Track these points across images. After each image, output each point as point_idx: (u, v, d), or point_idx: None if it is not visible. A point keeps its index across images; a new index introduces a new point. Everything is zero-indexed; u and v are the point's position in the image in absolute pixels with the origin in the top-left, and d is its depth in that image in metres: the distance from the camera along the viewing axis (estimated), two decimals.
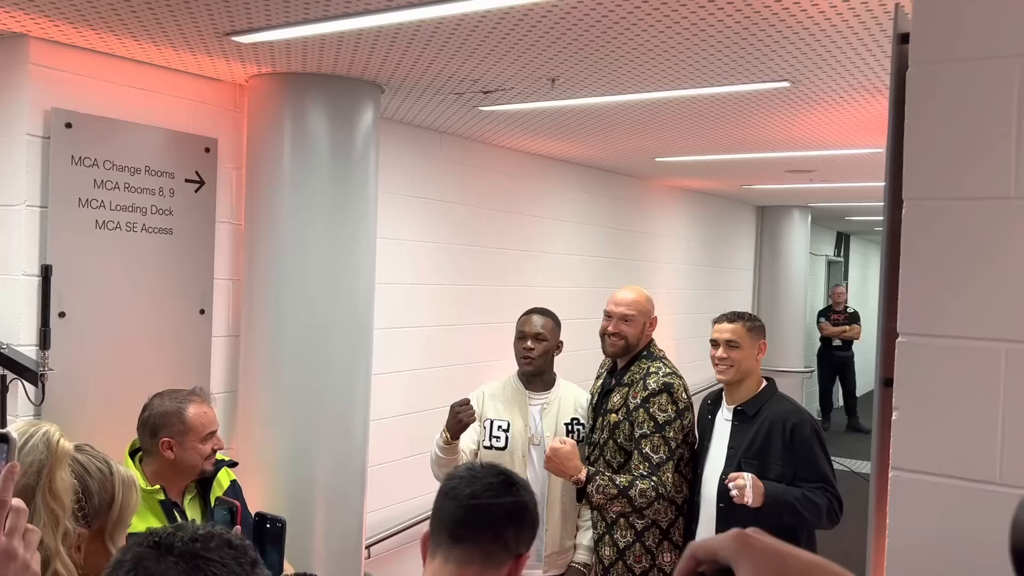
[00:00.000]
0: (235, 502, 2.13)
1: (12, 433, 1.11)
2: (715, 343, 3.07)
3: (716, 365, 3.06)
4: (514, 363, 3.31)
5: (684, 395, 3.06)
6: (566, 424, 3.25)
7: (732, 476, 2.82)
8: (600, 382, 3.31)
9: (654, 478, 2.93)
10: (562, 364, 3.40)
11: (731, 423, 3.03)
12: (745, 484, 2.78)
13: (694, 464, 3.09)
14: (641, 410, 2.99)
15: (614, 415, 3.07)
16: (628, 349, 3.14)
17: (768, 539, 0.69)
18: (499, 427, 3.21)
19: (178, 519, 2.58)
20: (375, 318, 3.70)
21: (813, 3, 2.44)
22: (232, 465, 2.88)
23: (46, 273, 2.98)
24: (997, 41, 1.26)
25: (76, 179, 3.07)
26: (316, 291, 3.45)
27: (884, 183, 1.41)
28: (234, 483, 2.84)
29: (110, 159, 3.17)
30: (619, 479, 2.95)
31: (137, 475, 1.99)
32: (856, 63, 3.07)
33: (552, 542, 3.17)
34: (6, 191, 3.01)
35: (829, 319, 10.54)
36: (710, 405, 3.17)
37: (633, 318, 3.13)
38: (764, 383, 3.09)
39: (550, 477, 3.11)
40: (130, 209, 3.24)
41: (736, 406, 3.03)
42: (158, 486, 2.58)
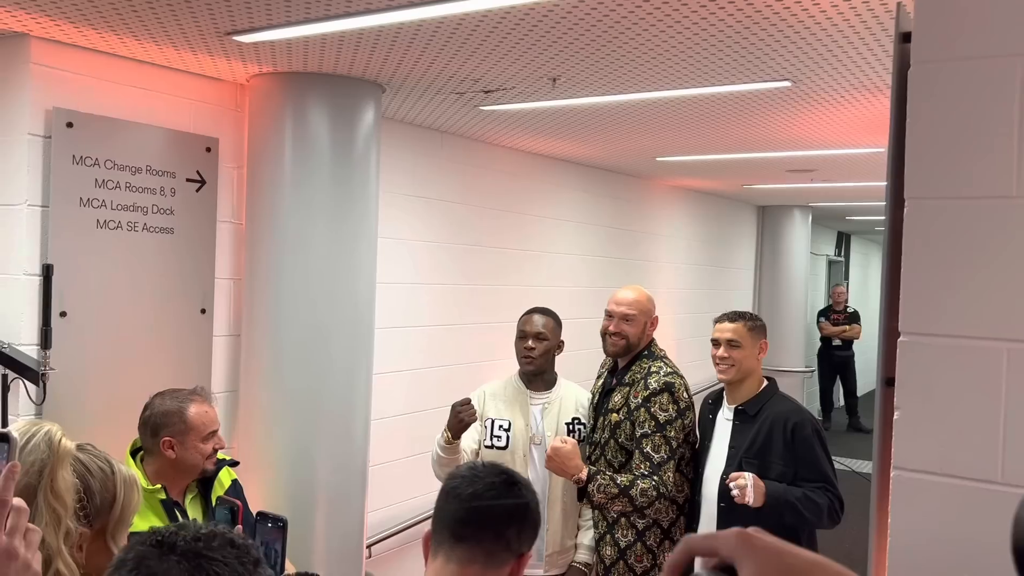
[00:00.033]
0: (236, 501, 2.14)
1: (13, 433, 1.11)
2: (716, 342, 3.07)
3: (717, 364, 3.06)
4: (515, 363, 3.31)
5: (685, 394, 3.06)
6: (567, 424, 3.25)
7: (733, 476, 2.82)
8: (601, 382, 3.30)
9: (655, 477, 2.93)
10: (563, 364, 3.40)
11: (732, 423, 3.03)
12: (746, 484, 2.77)
13: (695, 464, 3.09)
14: (642, 409, 2.99)
15: (615, 415, 3.07)
16: (629, 349, 3.14)
17: (769, 538, 0.69)
18: (500, 426, 3.21)
19: (179, 518, 2.58)
20: (376, 318, 3.70)
21: (814, 2, 2.43)
22: (233, 464, 2.89)
23: (47, 273, 2.98)
24: (999, 40, 1.26)
25: (77, 179, 3.07)
26: (317, 291, 3.45)
27: (885, 182, 1.41)
28: (235, 482, 2.84)
29: (111, 159, 3.17)
30: (620, 478, 2.94)
31: (138, 474, 1.99)
32: (857, 62, 3.07)
33: (553, 541, 3.17)
34: (7, 191, 3.01)
35: (829, 319, 10.54)
36: (711, 405, 3.17)
37: (634, 318, 3.13)
38: (765, 383, 3.08)
39: (551, 476, 3.11)
40: (131, 209, 3.24)
41: (737, 406, 3.03)
42: (159, 485, 2.59)
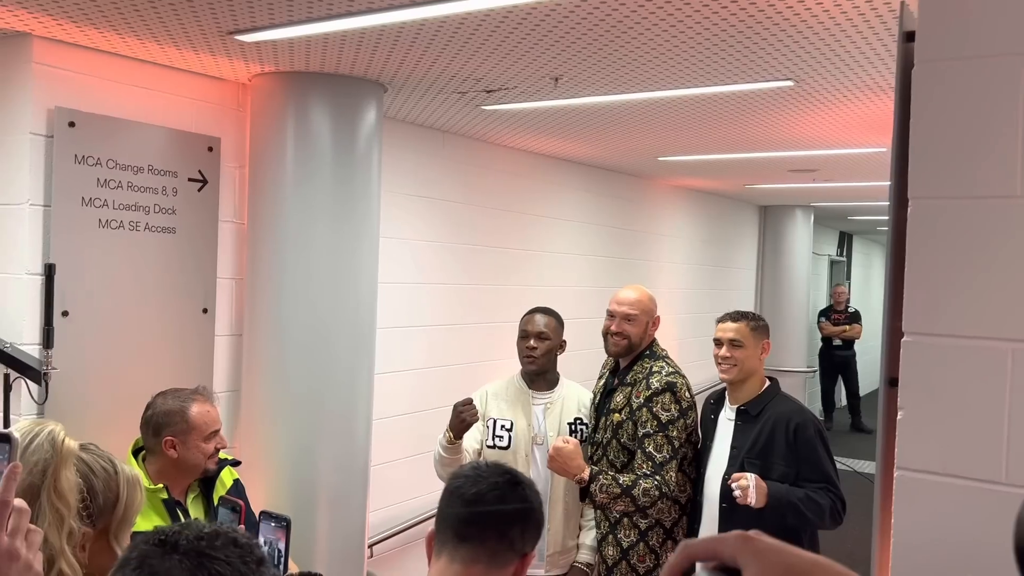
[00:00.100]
0: (239, 501, 2.14)
1: (14, 433, 1.11)
2: (719, 342, 3.06)
3: (719, 364, 3.06)
4: (517, 362, 3.31)
5: (687, 394, 3.06)
6: (569, 424, 3.25)
7: (735, 476, 2.82)
8: (603, 381, 3.30)
9: (657, 477, 2.93)
10: (564, 363, 3.40)
11: (734, 423, 3.02)
12: (748, 485, 2.77)
13: (697, 464, 3.09)
14: (644, 409, 2.99)
15: (617, 415, 3.07)
16: (631, 348, 3.14)
17: (771, 540, 0.68)
18: (502, 426, 3.21)
19: (181, 518, 2.58)
20: (378, 317, 3.70)
21: (817, 2, 2.43)
22: (235, 464, 2.89)
23: (49, 272, 2.98)
24: (1003, 39, 1.26)
25: (79, 178, 3.07)
26: (319, 290, 3.45)
27: (889, 182, 1.41)
28: (237, 482, 2.84)
29: (113, 158, 3.17)
30: (622, 478, 2.94)
31: (140, 474, 1.99)
32: (860, 62, 3.06)
33: (555, 542, 3.17)
34: (9, 190, 3.01)
35: (830, 319, 10.53)
36: (713, 405, 3.17)
37: (636, 317, 3.13)
38: (767, 383, 3.08)
39: (553, 476, 3.11)
40: (133, 208, 3.24)
41: (739, 406, 3.03)
42: (161, 485, 2.59)
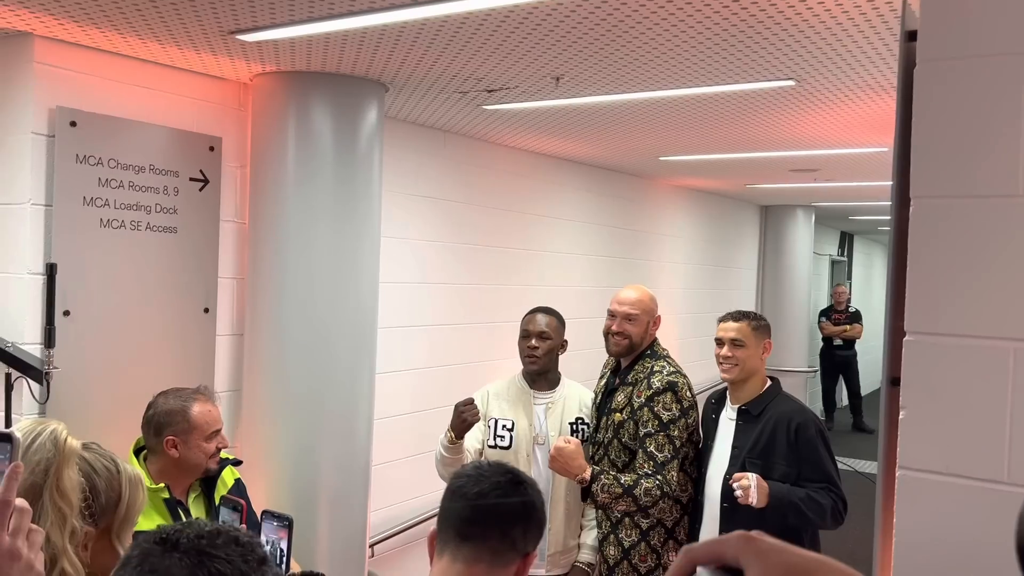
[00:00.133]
0: (241, 500, 2.14)
1: (16, 433, 1.11)
2: (720, 342, 3.06)
3: (721, 364, 3.06)
4: (518, 362, 3.31)
5: (688, 394, 3.06)
6: (570, 423, 3.25)
7: (737, 476, 2.82)
8: (604, 381, 3.30)
9: (659, 477, 2.92)
10: (566, 363, 3.40)
11: (735, 422, 3.02)
12: (750, 484, 2.77)
13: (698, 463, 3.09)
14: (645, 409, 2.99)
15: (618, 414, 3.07)
16: (632, 348, 3.14)
17: (773, 540, 0.68)
18: (503, 426, 3.21)
19: (183, 518, 2.58)
20: (379, 317, 3.70)
21: (819, 1, 2.43)
22: (236, 464, 2.89)
23: (51, 271, 2.98)
24: (1005, 38, 1.25)
25: (81, 177, 3.07)
26: (320, 290, 3.45)
27: (891, 181, 1.40)
28: (238, 482, 2.84)
29: (114, 158, 3.17)
30: (624, 478, 2.94)
31: (142, 473, 1.99)
32: (861, 61, 3.06)
33: (556, 541, 3.17)
34: (11, 189, 3.01)
35: (830, 318, 10.53)
36: (714, 404, 3.17)
37: (637, 317, 3.13)
38: (768, 383, 3.08)
39: (554, 476, 3.11)
40: (134, 208, 3.24)
41: (740, 405, 3.03)
42: (162, 484, 2.59)
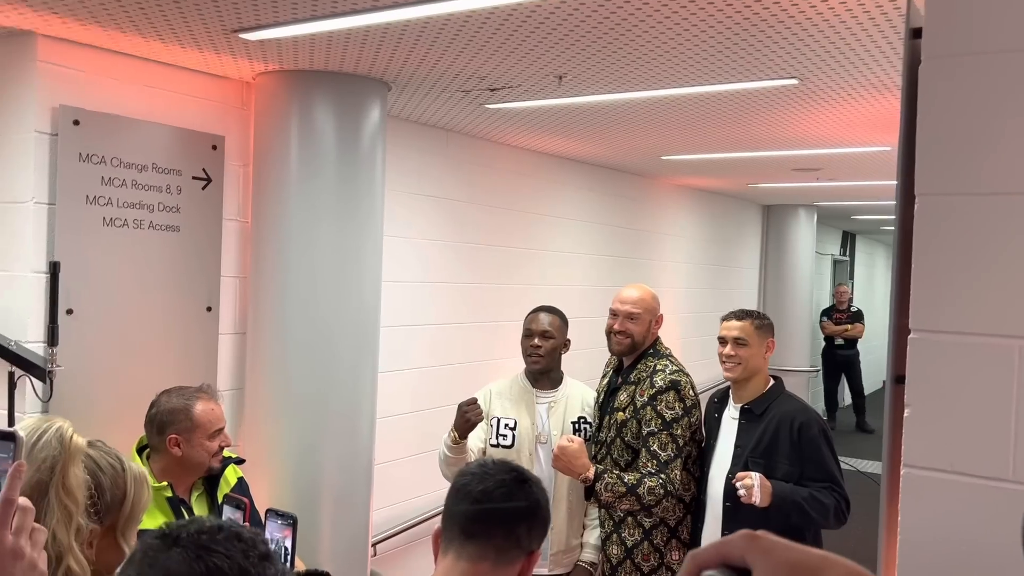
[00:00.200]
0: (243, 499, 2.14)
1: (19, 432, 1.11)
2: (723, 340, 3.06)
3: (724, 363, 3.06)
4: (521, 361, 3.31)
5: (691, 392, 3.06)
6: (573, 423, 3.24)
7: (740, 476, 2.82)
8: (606, 380, 3.30)
9: (662, 476, 2.92)
10: (568, 362, 3.40)
11: (738, 422, 3.02)
12: (753, 484, 2.77)
13: (700, 463, 3.09)
14: (648, 408, 2.99)
15: (621, 413, 3.06)
16: (634, 347, 3.13)
17: (777, 538, 0.68)
18: (506, 425, 3.21)
19: (186, 516, 2.58)
20: (382, 316, 3.70)
21: None
22: (239, 462, 2.89)
23: (54, 270, 2.98)
24: (1010, 35, 1.25)
25: (84, 176, 3.07)
26: (323, 289, 3.45)
27: (896, 179, 1.40)
28: (241, 480, 2.84)
29: (117, 156, 3.17)
30: (627, 477, 2.94)
31: (146, 472, 1.99)
32: (865, 60, 3.06)
33: (558, 540, 3.17)
34: (14, 188, 3.02)
35: (832, 318, 10.53)
36: (717, 403, 3.17)
37: (639, 316, 3.13)
38: (771, 382, 3.08)
39: (556, 475, 3.11)
40: (137, 206, 3.24)
41: (743, 405, 3.03)
42: (166, 483, 2.59)
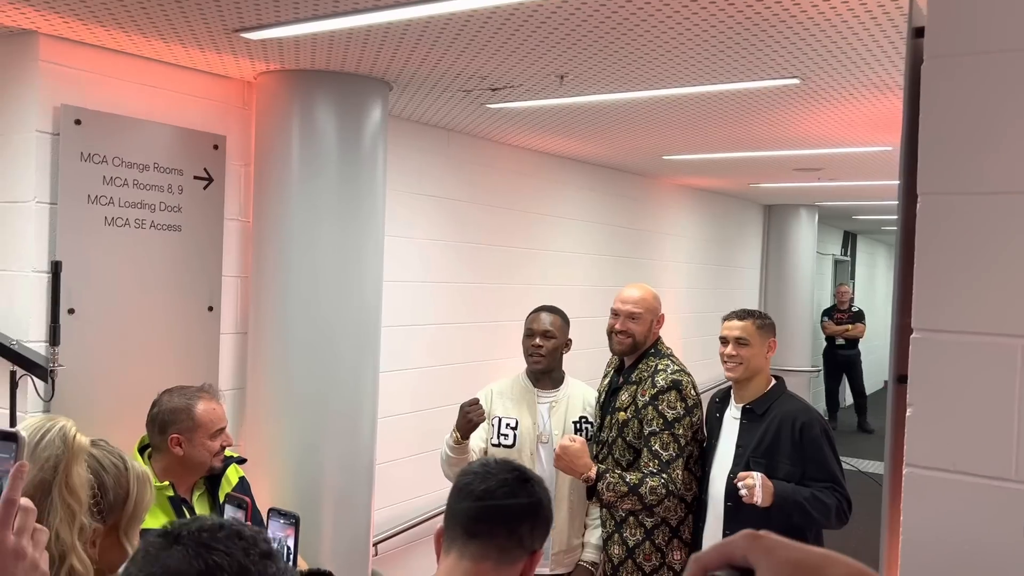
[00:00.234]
0: (246, 498, 2.14)
1: (21, 432, 1.11)
2: (724, 340, 3.06)
3: (725, 363, 3.06)
4: (522, 361, 3.31)
5: (692, 392, 3.05)
6: (574, 422, 3.24)
7: (742, 475, 2.82)
8: (607, 380, 3.30)
9: (664, 475, 2.92)
10: (570, 362, 3.40)
11: (739, 421, 3.02)
12: (755, 484, 2.77)
13: (702, 462, 3.09)
14: (650, 407, 2.99)
15: (622, 413, 3.06)
16: (635, 347, 3.13)
17: (779, 537, 0.68)
18: (507, 425, 3.21)
19: (187, 516, 2.58)
20: (383, 316, 3.70)
21: None
22: (241, 462, 2.89)
23: (56, 269, 2.98)
24: (1013, 34, 1.25)
25: (85, 176, 3.07)
26: (324, 288, 3.45)
27: (898, 179, 1.40)
28: (243, 480, 2.84)
29: (119, 156, 3.17)
30: (629, 476, 2.94)
31: (149, 471, 1.99)
32: (867, 59, 3.06)
33: (559, 540, 3.17)
34: (16, 188, 3.02)
35: (833, 318, 10.53)
36: (718, 403, 3.16)
37: (640, 316, 3.13)
38: (773, 382, 3.08)
39: (558, 475, 3.11)
40: (139, 206, 3.24)
41: (745, 404, 3.02)
42: (167, 482, 2.59)
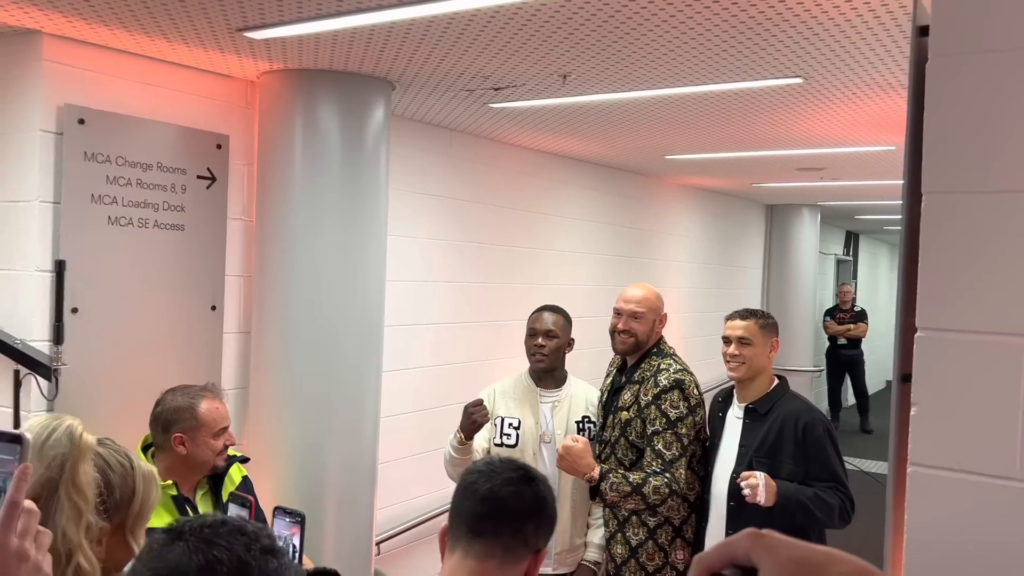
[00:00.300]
0: (250, 497, 2.14)
1: (26, 435, 1.11)
2: (727, 340, 3.06)
3: (728, 362, 3.06)
4: (525, 360, 3.31)
5: (695, 391, 3.05)
6: (577, 422, 3.24)
7: (745, 475, 2.81)
8: (610, 379, 3.30)
9: (667, 475, 2.92)
10: (572, 362, 3.40)
11: (742, 421, 3.02)
12: (758, 483, 2.77)
13: (704, 462, 3.08)
14: (653, 407, 2.99)
15: (625, 412, 3.06)
16: (638, 346, 3.13)
17: (782, 536, 0.68)
18: (510, 424, 3.21)
19: (190, 515, 2.59)
20: (385, 315, 3.70)
21: None
22: (244, 461, 2.89)
23: (59, 269, 2.99)
24: (1018, 33, 1.25)
25: (89, 175, 3.08)
26: (327, 288, 3.45)
27: (903, 178, 1.40)
28: (246, 479, 2.84)
29: (122, 155, 3.18)
30: (632, 476, 2.94)
31: (155, 470, 1.99)
32: (870, 59, 3.05)
33: (562, 540, 3.16)
34: (20, 187, 3.02)
35: (835, 318, 10.52)
36: (721, 403, 3.16)
37: (643, 315, 3.13)
38: (776, 381, 3.08)
39: (560, 474, 3.11)
40: (142, 205, 3.24)
41: (747, 404, 3.02)
42: (170, 481, 2.59)
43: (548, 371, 3.27)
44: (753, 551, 0.67)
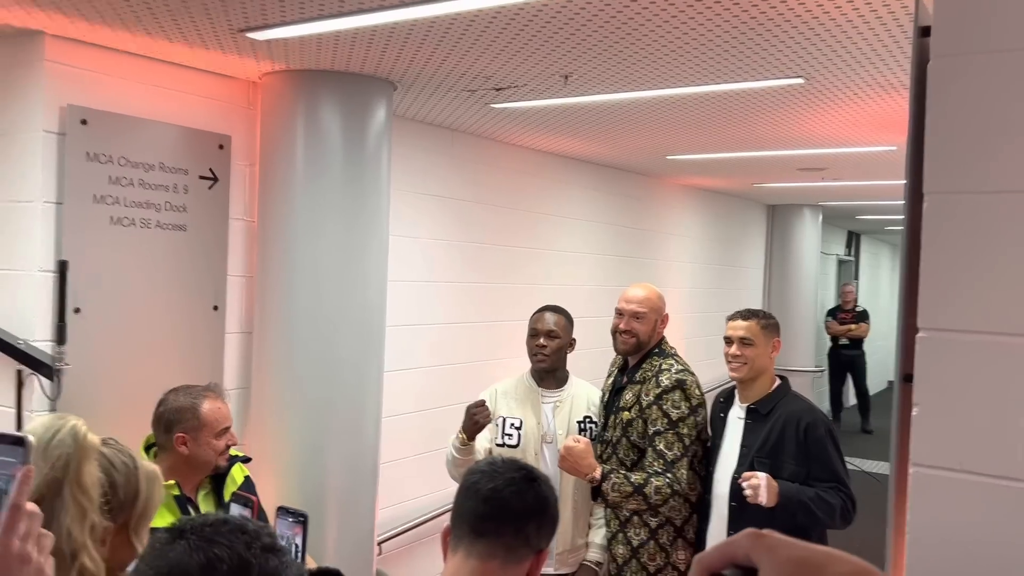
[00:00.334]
0: (252, 497, 2.14)
1: (29, 437, 1.11)
2: (729, 340, 3.06)
3: (729, 362, 3.06)
4: (526, 360, 3.31)
5: (697, 391, 3.06)
6: (579, 422, 3.24)
7: (746, 476, 2.82)
8: (611, 380, 3.30)
9: (669, 475, 2.92)
10: (574, 362, 3.40)
11: (744, 421, 3.02)
12: (759, 484, 2.77)
13: (706, 462, 3.09)
14: (654, 407, 2.99)
15: (627, 412, 3.07)
16: (640, 346, 3.14)
17: (782, 536, 0.69)
18: (512, 424, 3.21)
19: (192, 515, 2.59)
20: (387, 315, 3.71)
21: None
22: (246, 461, 2.89)
23: (62, 269, 2.99)
24: (1020, 33, 1.25)
25: (91, 175, 3.08)
26: (329, 288, 3.45)
27: (905, 178, 1.40)
28: (247, 479, 2.85)
29: (125, 156, 3.18)
30: (634, 476, 2.94)
31: (158, 470, 2.00)
32: (871, 59, 3.05)
33: (564, 540, 3.17)
34: (22, 187, 3.03)
35: (837, 318, 10.52)
36: (722, 403, 3.16)
37: (645, 315, 3.13)
38: (777, 381, 3.08)
39: (562, 475, 3.11)
40: (144, 205, 3.25)
41: (749, 404, 3.02)
42: (172, 481, 2.59)
43: (550, 371, 3.27)
44: (753, 551, 0.67)
